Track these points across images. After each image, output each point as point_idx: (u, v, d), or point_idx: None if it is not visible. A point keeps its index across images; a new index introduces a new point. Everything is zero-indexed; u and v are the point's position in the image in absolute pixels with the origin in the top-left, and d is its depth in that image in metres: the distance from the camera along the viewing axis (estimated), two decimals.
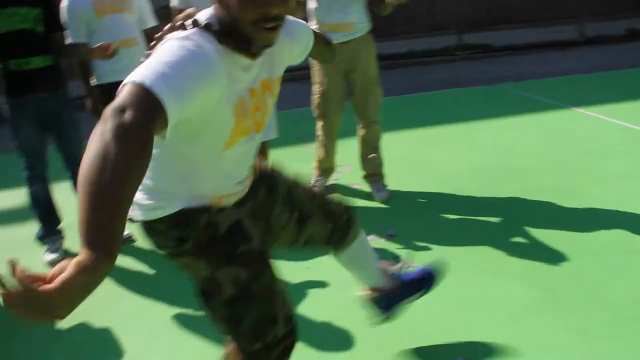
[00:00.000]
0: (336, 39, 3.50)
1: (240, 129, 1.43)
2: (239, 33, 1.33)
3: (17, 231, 3.80)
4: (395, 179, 3.94)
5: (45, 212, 3.38)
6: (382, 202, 3.70)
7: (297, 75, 7.11)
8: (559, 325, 2.30)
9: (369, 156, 3.78)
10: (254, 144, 1.57)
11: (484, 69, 8.35)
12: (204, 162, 1.46)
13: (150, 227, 1.52)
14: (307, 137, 5.17)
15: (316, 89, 3.72)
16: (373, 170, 3.83)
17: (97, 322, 2.68)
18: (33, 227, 3.47)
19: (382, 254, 3.02)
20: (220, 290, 1.49)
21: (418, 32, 10.55)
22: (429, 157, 4.52)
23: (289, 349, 1.58)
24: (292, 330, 1.58)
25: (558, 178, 3.83)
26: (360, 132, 3.76)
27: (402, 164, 4.31)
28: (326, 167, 3.96)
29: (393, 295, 2.15)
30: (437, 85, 7.34)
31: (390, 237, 3.20)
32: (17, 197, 4.12)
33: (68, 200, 3.56)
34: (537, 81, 7.00)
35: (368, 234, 3.23)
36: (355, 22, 3.51)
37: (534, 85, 6.79)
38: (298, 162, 4.38)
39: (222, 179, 1.52)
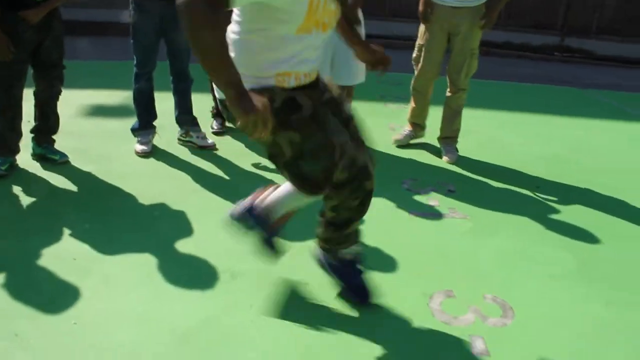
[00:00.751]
0: (449, 2, 3.66)
1: (312, 20, 1.74)
2: None
3: (117, 124, 4.23)
4: (466, 149, 4.07)
5: (144, 107, 3.75)
6: (450, 164, 3.86)
7: (384, 43, 7.25)
8: (589, 293, 2.45)
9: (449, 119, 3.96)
10: (321, 39, 1.86)
11: (579, 74, 8.19)
12: (279, 39, 1.77)
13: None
14: (388, 97, 5.37)
15: (417, 42, 3.91)
16: (449, 134, 4.00)
17: (176, 207, 3.02)
18: (129, 122, 3.87)
19: (440, 204, 3.22)
20: (282, 152, 1.87)
21: (519, 26, 10.37)
22: (503, 138, 4.62)
23: (360, 191, 2.00)
24: (356, 174, 1.96)
25: (622, 180, 3.86)
26: (447, 95, 3.93)
27: (477, 138, 4.43)
28: (415, 122, 4.14)
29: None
30: (526, 79, 7.30)
31: (449, 192, 3.39)
32: (123, 97, 4.53)
33: (166, 105, 3.93)
34: (632, 94, 6.84)
35: (429, 187, 3.43)
36: None
37: (626, 97, 6.64)
38: (376, 117, 4.59)
39: (289, 58, 1.81)
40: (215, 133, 4.16)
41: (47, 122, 3.48)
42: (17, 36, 3.09)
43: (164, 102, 3.92)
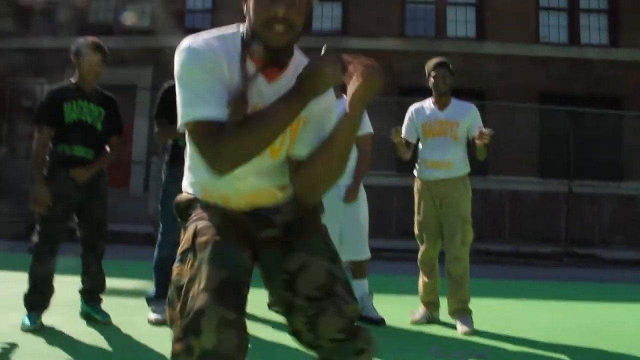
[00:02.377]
0: (435, 175, 3.85)
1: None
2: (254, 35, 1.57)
3: (133, 301, 4.20)
4: (491, 325, 3.92)
5: (165, 276, 3.70)
6: (467, 335, 3.65)
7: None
8: None
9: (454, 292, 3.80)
10: (268, 166, 1.66)
11: (588, 274, 8.19)
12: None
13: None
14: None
15: (415, 219, 4.00)
16: (457, 305, 3.81)
17: None
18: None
19: None
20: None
21: (524, 239, 10.64)
22: (526, 316, 4.46)
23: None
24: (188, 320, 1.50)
25: None
26: (446, 266, 3.82)
27: (498, 316, 4.29)
28: (428, 301, 3.97)
29: None
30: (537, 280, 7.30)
31: (480, 355, 3.18)
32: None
33: None
34: None
35: (458, 351, 3.24)
36: (455, 162, 3.85)
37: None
38: (395, 305, 4.49)
39: (227, 181, 1.63)
40: None
41: (93, 282, 3.53)
42: (62, 194, 3.27)
43: None
